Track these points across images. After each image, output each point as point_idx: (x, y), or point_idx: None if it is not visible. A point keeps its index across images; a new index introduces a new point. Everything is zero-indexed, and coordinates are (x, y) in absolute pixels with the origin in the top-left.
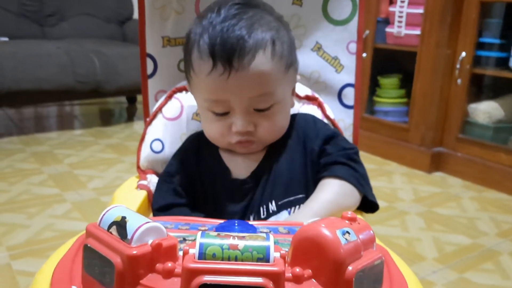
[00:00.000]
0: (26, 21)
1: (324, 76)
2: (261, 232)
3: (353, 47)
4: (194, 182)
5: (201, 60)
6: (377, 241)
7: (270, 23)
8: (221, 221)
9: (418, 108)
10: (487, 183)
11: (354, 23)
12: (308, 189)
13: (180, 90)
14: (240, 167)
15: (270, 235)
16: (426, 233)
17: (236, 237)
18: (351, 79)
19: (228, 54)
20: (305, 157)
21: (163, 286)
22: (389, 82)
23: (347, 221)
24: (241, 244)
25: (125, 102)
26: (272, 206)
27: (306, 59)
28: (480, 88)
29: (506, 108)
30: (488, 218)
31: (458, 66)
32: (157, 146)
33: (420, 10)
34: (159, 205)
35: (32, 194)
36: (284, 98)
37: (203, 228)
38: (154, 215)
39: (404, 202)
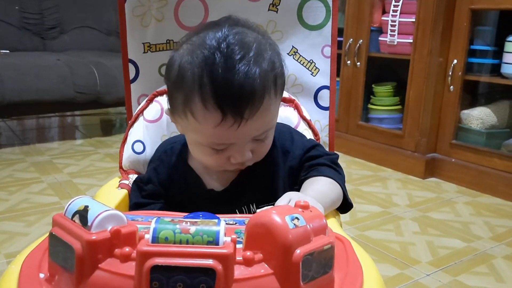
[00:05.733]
0: (27, 34)
1: (300, 79)
2: (227, 224)
3: (328, 51)
4: (167, 191)
5: (207, 110)
6: (344, 234)
7: (270, 57)
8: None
9: (411, 115)
10: (481, 188)
11: (328, 28)
12: None
13: (160, 93)
14: (217, 178)
15: (222, 221)
16: (420, 237)
17: (188, 222)
18: (327, 82)
19: (240, 108)
20: (284, 165)
21: (120, 270)
22: (383, 90)
23: (300, 209)
24: (192, 228)
25: (125, 113)
26: (253, 208)
27: None
28: (472, 95)
29: (499, 113)
30: (482, 222)
31: (450, 73)
32: (138, 147)
33: (412, 19)
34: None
35: (31, 203)
36: (276, 120)
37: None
38: None
39: (399, 207)
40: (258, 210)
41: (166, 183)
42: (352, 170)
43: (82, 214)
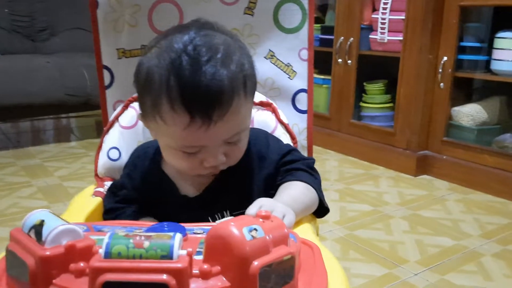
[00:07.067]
0: (18, 37)
1: (278, 83)
2: (194, 233)
3: (305, 54)
4: (141, 196)
5: (175, 112)
6: (315, 240)
7: (239, 59)
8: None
9: (402, 112)
10: (473, 185)
11: (304, 31)
12: None
13: (136, 99)
14: (191, 184)
15: (177, 234)
16: (409, 236)
17: (143, 236)
18: (304, 85)
19: (208, 109)
20: (260, 171)
21: (74, 285)
22: (374, 88)
23: (261, 219)
24: (146, 243)
25: None
26: (227, 215)
27: (260, 67)
28: (463, 91)
29: (489, 110)
30: (473, 220)
31: (440, 70)
32: (114, 154)
33: (402, 16)
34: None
35: (20, 207)
36: (249, 122)
37: (138, 231)
38: (104, 219)
39: (390, 206)
40: (217, 222)
41: (139, 188)
42: (345, 168)
43: (38, 229)
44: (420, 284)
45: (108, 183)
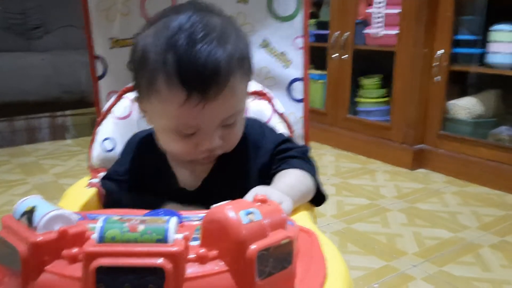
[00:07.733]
0: (11, 35)
1: (273, 72)
2: (191, 220)
3: (300, 42)
4: (138, 184)
5: (171, 90)
6: (314, 228)
7: (235, 39)
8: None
9: (398, 106)
10: (469, 178)
11: (299, 19)
12: None
13: (130, 89)
14: (189, 176)
15: (172, 218)
16: (407, 229)
17: (137, 221)
18: (299, 74)
19: (205, 86)
20: (255, 161)
21: (67, 271)
22: (370, 82)
23: (258, 203)
24: (141, 227)
25: None
26: None
27: (255, 56)
28: (458, 85)
29: (485, 103)
30: (470, 212)
31: (435, 64)
32: (108, 145)
33: (397, 10)
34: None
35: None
36: (245, 105)
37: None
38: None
39: (387, 199)
40: (213, 206)
41: (135, 177)
42: (341, 163)
43: (29, 215)
44: (418, 276)
45: (102, 174)
